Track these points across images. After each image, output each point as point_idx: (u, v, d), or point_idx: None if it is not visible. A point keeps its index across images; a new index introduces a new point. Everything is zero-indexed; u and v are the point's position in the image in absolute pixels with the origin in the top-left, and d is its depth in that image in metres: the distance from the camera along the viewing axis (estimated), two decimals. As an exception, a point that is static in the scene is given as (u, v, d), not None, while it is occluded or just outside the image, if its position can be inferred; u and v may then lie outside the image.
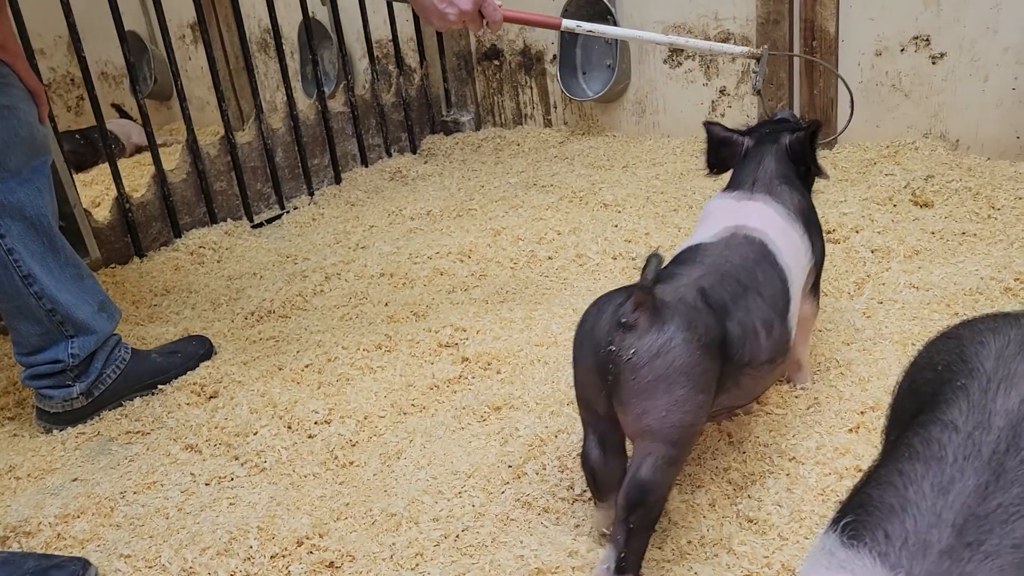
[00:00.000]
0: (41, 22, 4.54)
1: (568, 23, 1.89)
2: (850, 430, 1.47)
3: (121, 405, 1.88)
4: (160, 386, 1.91)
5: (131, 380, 1.88)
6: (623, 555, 1.15)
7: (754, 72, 2.03)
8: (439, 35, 3.55)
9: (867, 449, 1.41)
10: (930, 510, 0.69)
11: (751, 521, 1.29)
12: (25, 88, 1.70)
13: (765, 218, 1.44)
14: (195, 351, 1.98)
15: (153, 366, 1.92)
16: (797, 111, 2.91)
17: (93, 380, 1.82)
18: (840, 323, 1.79)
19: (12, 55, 1.68)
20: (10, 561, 1.39)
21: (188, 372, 1.95)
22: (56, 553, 1.42)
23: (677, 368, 1.13)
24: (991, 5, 2.50)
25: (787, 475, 1.38)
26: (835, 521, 0.74)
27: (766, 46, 2.24)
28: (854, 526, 0.72)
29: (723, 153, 1.64)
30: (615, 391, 1.15)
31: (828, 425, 1.49)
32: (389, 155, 3.46)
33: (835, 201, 2.41)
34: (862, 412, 1.51)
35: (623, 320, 1.15)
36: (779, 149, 1.58)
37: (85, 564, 1.37)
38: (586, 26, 1.90)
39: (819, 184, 2.55)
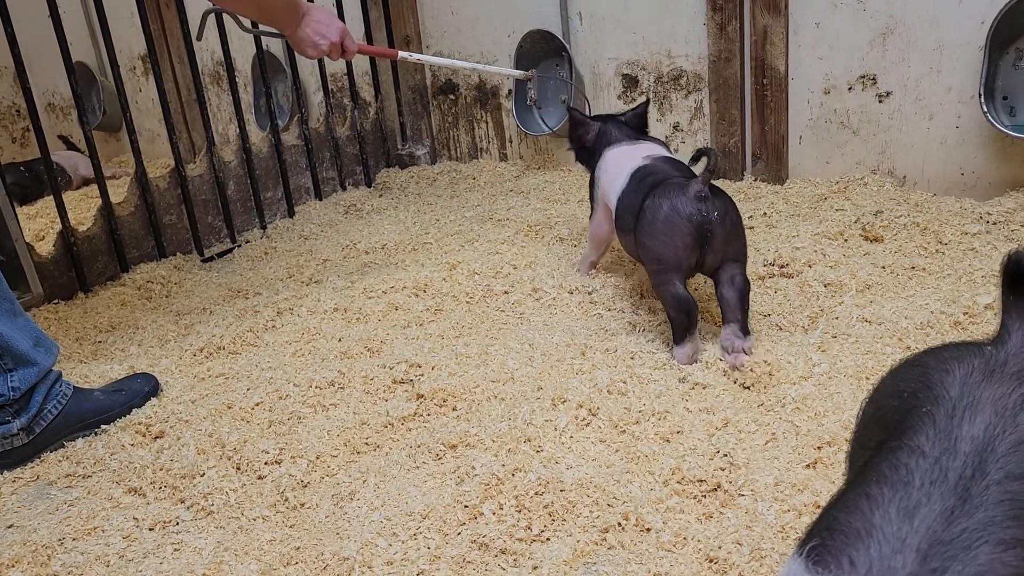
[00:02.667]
0: (-14, 52, 4.45)
1: (403, 53, 2.31)
2: (808, 465, 1.47)
3: (63, 446, 1.81)
4: (104, 426, 1.84)
5: (72, 418, 1.81)
6: (743, 324, 1.83)
7: (529, 88, 2.77)
8: (394, 69, 3.55)
9: (825, 485, 1.41)
10: (895, 535, 0.69)
11: (711, 560, 1.28)
12: None
13: (659, 149, 2.17)
14: (140, 388, 1.92)
15: (96, 404, 1.85)
16: (748, 146, 2.96)
17: (34, 415, 1.75)
18: (795, 357, 1.80)
19: None
20: None
21: (133, 411, 1.88)
22: None
23: (738, 216, 1.87)
24: (934, 46, 2.57)
25: (746, 512, 1.37)
26: (801, 544, 0.73)
27: (534, 70, 2.99)
28: (819, 551, 0.71)
29: (579, 131, 2.32)
30: (710, 242, 1.80)
31: (786, 461, 1.49)
32: (344, 188, 3.44)
33: (788, 236, 2.44)
34: (819, 447, 1.51)
35: (704, 195, 1.80)
36: (624, 122, 2.32)
37: None
38: (415, 56, 2.31)
39: (771, 219, 2.60)
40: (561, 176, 3.32)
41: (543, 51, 3.28)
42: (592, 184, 2.28)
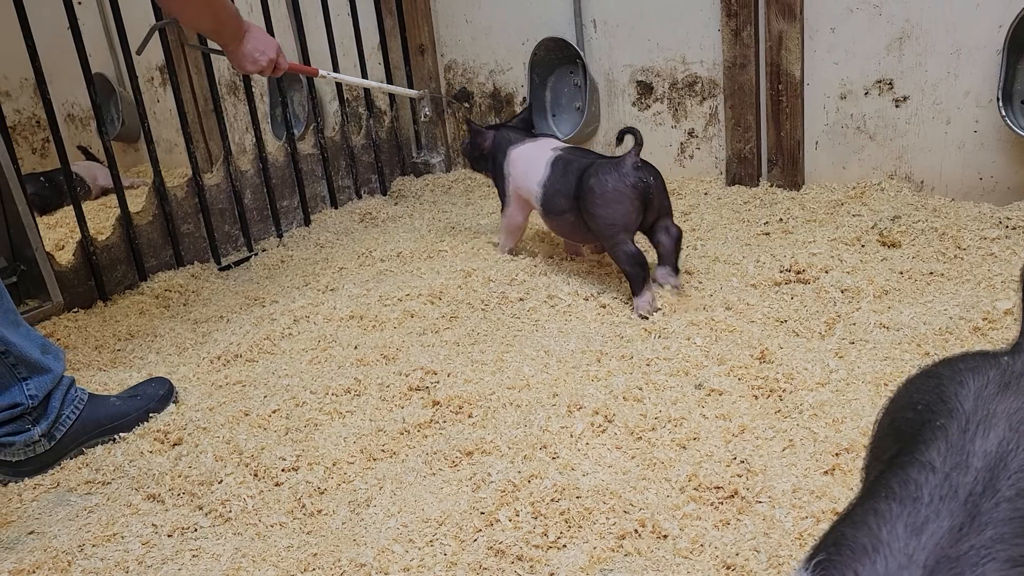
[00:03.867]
0: (7, 64, 4.51)
1: (322, 71, 2.48)
2: (825, 472, 1.46)
3: (82, 453, 1.82)
4: (123, 433, 1.86)
5: (90, 424, 1.83)
6: (675, 266, 2.22)
7: (423, 107, 2.80)
8: (410, 77, 3.57)
9: (843, 492, 1.40)
10: (902, 551, 0.68)
11: (729, 567, 1.27)
12: None
13: (558, 142, 2.46)
14: (155, 392, 1.93)
15: (113, 410, 1.86)
16: (764, 152, 2.95)
17: (53, 421, 1.77)
18: (812, 364, 1.79)
19: None
20: None
21: (151, 416, 1.89)
22: None
23: (663, 179, 2.24)
24: (952, 50, 2.56)
25: (763, 519, 1.36)
26: (808, 559, 0.72)
27: (426, 89, 3.07)
28: (825, 565, 0.70)
29: (478, 140, 2.58)
30: (651, 202, 2.17)
31: (803, 467, 1.48)
32: (359, 197, 3.45)
33: (804, 241, 2.43)
34: (837, 454, 1.50)
35: (639, 165, 2.17)
36: (514, 126, 2.60)
37: None
38: (331, 75, 2.47)
39: (787, 225, 2.59)
40: (576, 183, 3.32)
41: (557, 59, 3.29)
42: (502, 182, 2.54)
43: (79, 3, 2.59)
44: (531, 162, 2.40)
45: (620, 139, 2.25)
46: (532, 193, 2.38)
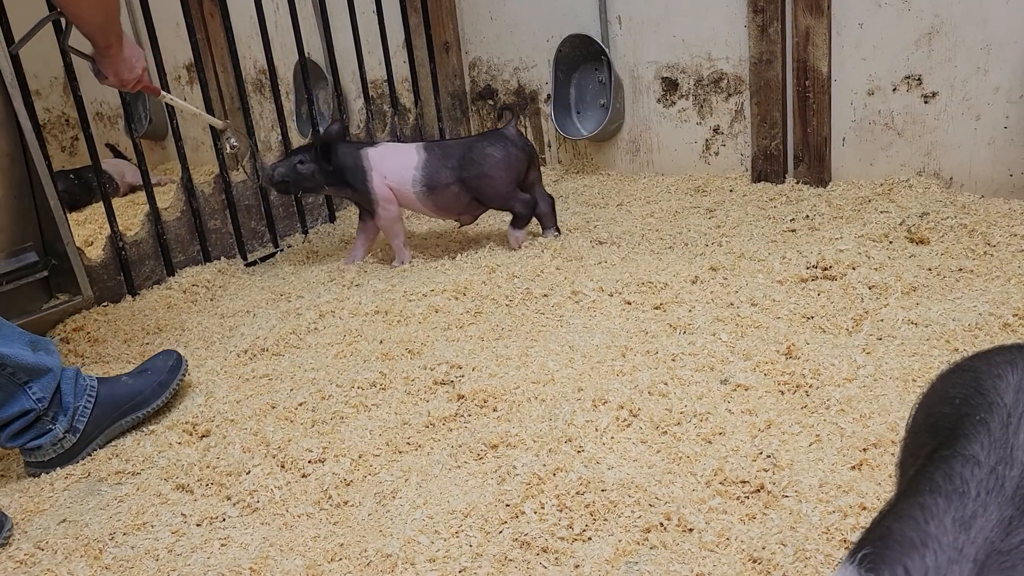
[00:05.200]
0: (37, 63, 4.57)
1: (163, 92, 2.40)
2: (853, 467, 1.45)
3: (112, 444, 1.84)
4: (144, 412, 1.88)
5: (109, 407, 1.83)
6: (556, 226, 2.75)
7: (228, 138, 2.69)
8: (434, 75, 3.58)
9: (871, 487, 1.39)
10: (951, 545, 0.68)
11: (755, 561, 1.27)
12: None
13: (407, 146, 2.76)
14: (163, 365, 1.94)
15: (127, 389, 1.87)
16: (790, 148, 2.94)
17: (72, 415, 1.78)
18: (839, 360, 1.78)
19: None
20: None
21: (168, 390, 1.90)
22: None
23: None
24: (981, 45, 2.53)
25: (790, 513, 1.35)
26: (853, 553, 0.72)
27: (228, 120, 2.86)
28: (872, 559, 0.70)
29: (329, 155, 2.64)
30: (532, 164, 2.68)
31: (830, 462, 1.47)
32: (384, 194, 3.46)
33: (831, 238, 2.41)
34: (864, 449, 1.49)
35: (520, 133, 2.67)
36: (341, 137, 2.75)
37: (2, 518, 1.53)
38: (168, 96, 2.41)
39: (814, 221, 2.57)
40: (599, 180, 3.32)
41: (582, 55, 3.29)
42: (364, 184, 2.65)
43: (109, 2, 2.62)
44: (399, 153, 2.68)
45: (500, 115, 2.79)
46: (407, 178, 2.64)
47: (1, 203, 2.31)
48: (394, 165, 2.65)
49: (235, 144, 2.65)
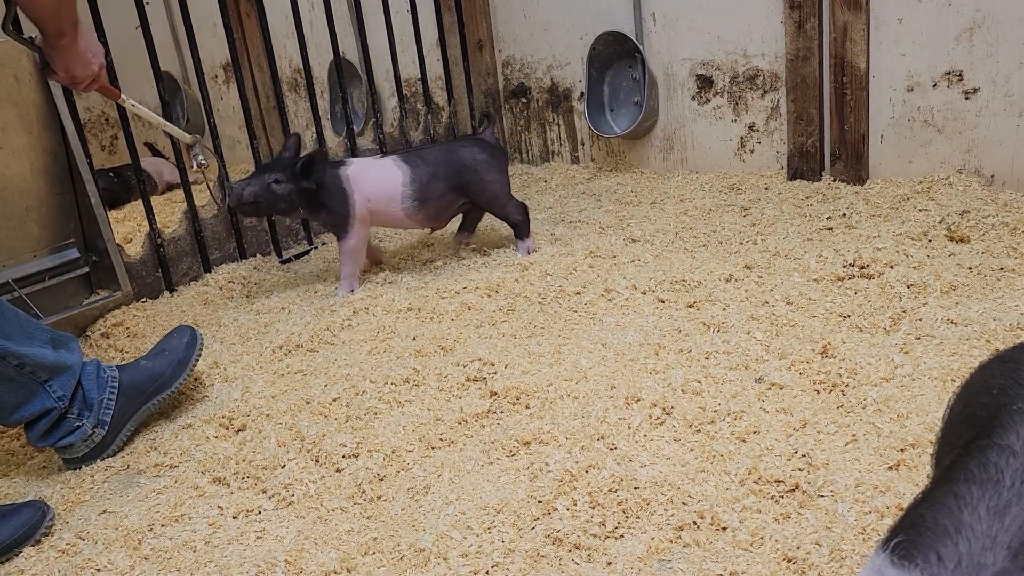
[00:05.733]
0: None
1: (123, 96, 2.14)
2: (890, 467, 1.43)
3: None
4: (168, 393, 1.89)
5: (132, 394, 1.84)
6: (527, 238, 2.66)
7: (195, 155, 2.44)
8: (467, 74, 3.59)
9: (909, 487, 1.37)
10: (985, 533, 0.67)
11: (789, 560, 1.25)
12: None
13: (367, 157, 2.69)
14: (179, 343, 1.92)
15: (148, 372, 1.87)
16: (827, 146, 2.90)
17: (98, 408, 1.79)
18: (876, 359, 1.76)
19: None
20: None
21: (187, 368, 1.90)
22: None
23: None
24: (1024, 40, 2.48)
25: (825, 513, 1.34)
26: (886, 541, 0.71)
27: (199, 135, 2.49)
28: (905, 546, 0.69)
29: (312, 172, 2.41)
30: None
31: (867, 462, 1.45)
32: (417, 192, 3.48)
33: (868, 236, 2.38)
34: (902, 449, 1.47)
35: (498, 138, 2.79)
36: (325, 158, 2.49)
37: (44, 508, 1.56)
38: (130, 101, 2.18)
39: (851, 219, 2.54)
40: (633, 178, 3.31)
41: (616, 53, 3.27)
42: (344, 209, 2.46)
43: (147, 3, 2.66)
44: (381, 171, 2.52)
45: (481, 121, 2.78)
46: (395, 197, 2.51)
47: (44, 200, 2.36)
48: (379, 185, 2.50)
49: (203, 162, 2.42)
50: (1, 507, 1.58)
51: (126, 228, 3.45)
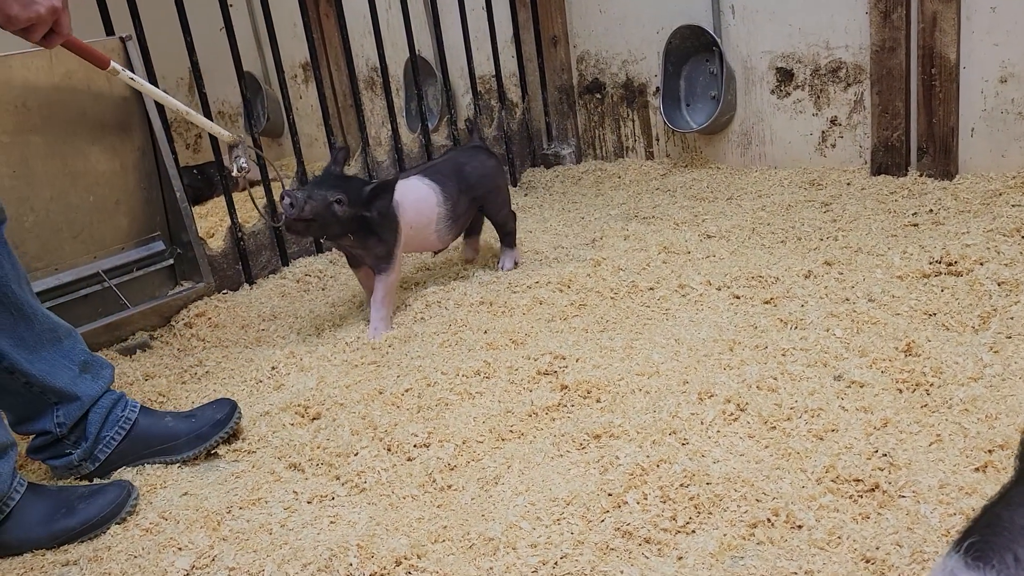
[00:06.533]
0: (165, 64, 4.82)
1: (115, 65, 1.86)
2: (977, 469, 1.37)
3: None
4: (172, 458, 1.79)
5: (139, 443, 1.78)
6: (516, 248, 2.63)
7: (237, 156, 2.14)
8: (541, 70, 3.59)
9: (996, 489, 1.30)
10: None
11: (868, 561, 1.21)
12: None
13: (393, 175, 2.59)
14: (211, 417, 1.83)
15: (164, 430, 1.80)
16: (914, 140, 2.80)
17: (93, 443, 1.74)
18: (963, 358, 1.69)
19: None
20: (63, 490, 1.60)
21: (203, 445, 1.80)
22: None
23: None
24: None
25: (907, 514, 1.29)
26: (959, 541, 0.68)
27: (242, 136, 2.19)
28: (980, 547, 0.66)
29: (384, 193, 2.20)
30: None
31: (952, 463, 1.39)
32: (491, 188, 3.50)
33: (956, 233, 2.29)
34: (990, 451, 1.41)
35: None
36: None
37: (129, 487, 1.61)
38: (127, 74, 1.89)
39: (938, 215, 2.45)
40: (709, 174, 3.25)
41: (693, 46, 3.23)
42: (393, 238, 2.26)
43: (231, 5, 2.74)
44: (416, 192, 2.35)
45: (470, 131, 2.79)
46: (433, 218, 2.37)
47: (133, 195, 2.45)
48: (419, 209, 2.34)
49: (244, 165, 2.13)
50: (89, 487, 1.65)
51: (209, 223, 3.55)
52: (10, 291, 1.60)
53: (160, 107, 2.49)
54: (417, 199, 2.35)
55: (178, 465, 1.80)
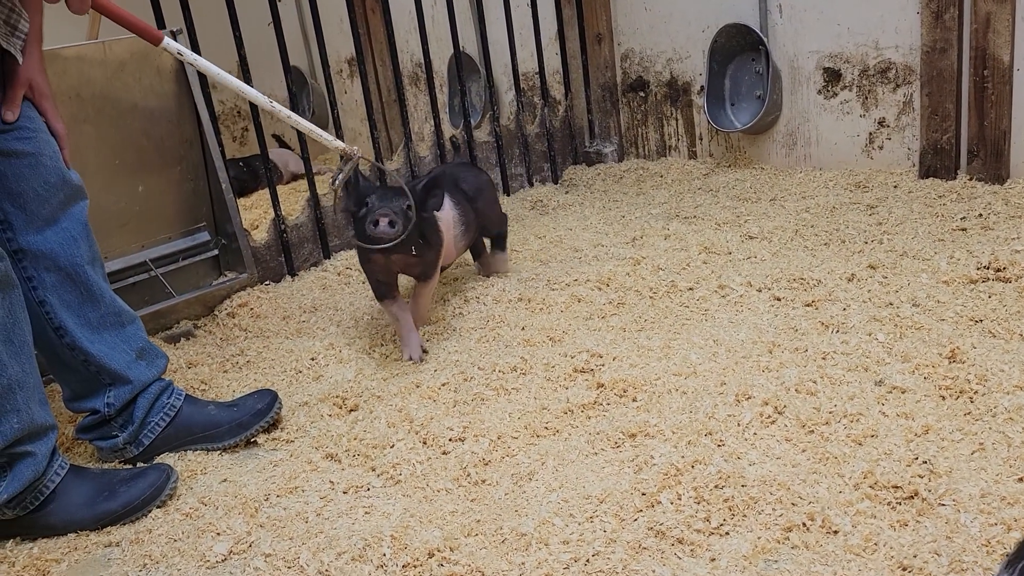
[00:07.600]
0: (214, 58, 4.89)
1: (169, 44, 1.72)
2: (1020, 479, 1.35)
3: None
4: (214, 445, 1.82)
5: (183, 431, 1.82)
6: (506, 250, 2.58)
7: (340, 170, 1.98)
8: (585, 68, 3.58)
9: (1041, 501, 1.28)
10: None
11: (904, 568, 1.20)
12: (49, 132, 1.63)
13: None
14: (253, 406, 1.86)
15: (208, 418, 1.83)
16: (964, 142, 2.75)
17: (138, 428, 1.79)
18: (1010, 366, 1.65)
19: (40, 94, 1.61)
20: (105, 473, 1.66)
21: (244, 433, 1.83)
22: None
23: None
24: None
25: (946, 522, 1.27)
26: (1011, 563, 0.67)
27: (357, 147, 2.01)
28: None
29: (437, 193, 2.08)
30: None
31: (994, 472, 1.37)
32: (531, 184, 3.50)
33: (1006, 238, 2.24)
34: (1035, 461, 1.38)
35: None
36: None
37: (168, 471, 1.65)
38: (188, 55, 1.72)
39: (987, 220, 2.40)
40: (752, 174, 3.22)
41: (739, 45, 3.20)
42: (439, 243, 2.14)
43: (280, 0, 2.77)
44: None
45: (455, 148, 3.03)
46: (451, 223, 2.25)
47: (180, 185, 2.50)
48: (448, 214, 2.23)
49: (340, 179, 2.00)
50: (130, 470, 1.69)
51: (253, 215, 3.60)
52: (83, 271, 1.66)
53: (208, 100, 2.52)
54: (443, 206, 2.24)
55: (218, 452, 1.84)
